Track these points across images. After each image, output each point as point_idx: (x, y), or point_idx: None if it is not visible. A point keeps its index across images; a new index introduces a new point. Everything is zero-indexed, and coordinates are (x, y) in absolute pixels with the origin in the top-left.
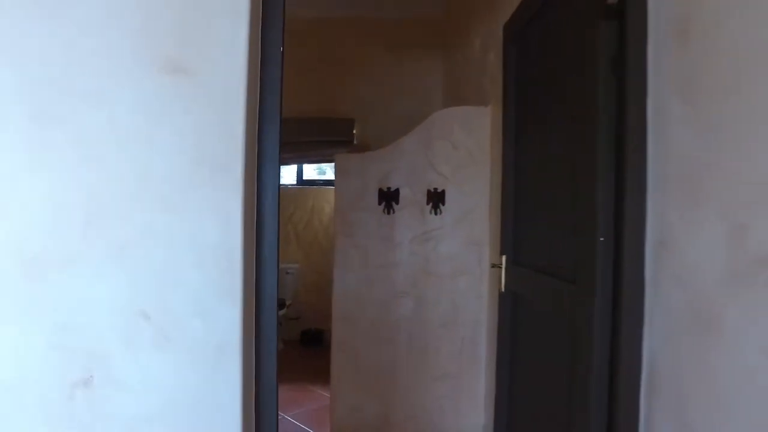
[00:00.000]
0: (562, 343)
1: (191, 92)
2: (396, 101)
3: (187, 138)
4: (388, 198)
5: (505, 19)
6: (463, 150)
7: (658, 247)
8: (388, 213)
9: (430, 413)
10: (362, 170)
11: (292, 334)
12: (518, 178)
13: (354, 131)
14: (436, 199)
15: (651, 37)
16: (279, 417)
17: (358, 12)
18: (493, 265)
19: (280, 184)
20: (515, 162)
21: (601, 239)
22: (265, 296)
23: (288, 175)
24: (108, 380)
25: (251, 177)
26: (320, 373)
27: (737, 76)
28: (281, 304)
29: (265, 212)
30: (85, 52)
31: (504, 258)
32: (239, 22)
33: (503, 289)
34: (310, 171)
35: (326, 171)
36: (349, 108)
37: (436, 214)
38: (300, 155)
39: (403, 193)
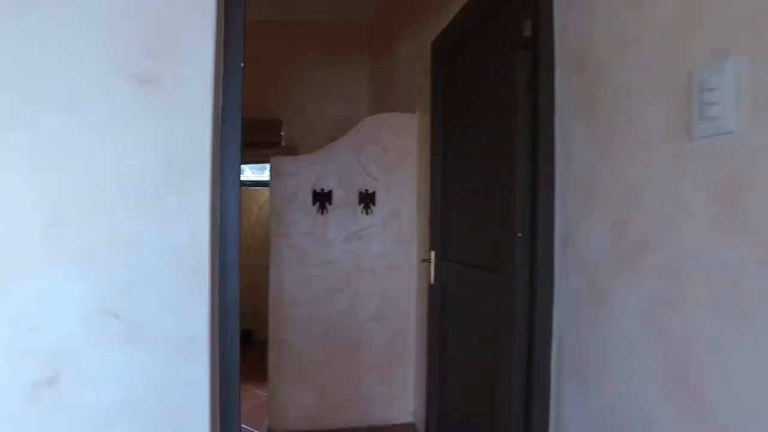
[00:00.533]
0: (487, 324)
1: (161, 102)
2: (324, 104)
3: (158, 145)
4: (322, 199)
5: (432, 33)
6: (392, 154)
7: (564, 240)
8: (322, 213)
9: (364, 402)
10: (297, 172)
11: None
12: (445, 182)
13: (282, 132)
14: (368, 199)
15: (558, 66)
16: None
17: (287, 15)
18: (424, 260)
19: (240, 188)
20: (443, 167)
21: (519, 235)
22: (228, 293)
23: None
24: (75, 378)
25: (216, 181)
26: (253, 372)
27: (619, 101)
28: None
29: (228, 214)
30: (54, 59)
31: (433, 253)
32: (206, 37)
33: (432, 282)
34: None
35: (245, 171)
36: (277, 109)
37: (367, 213)
38: None
39: (336, 194)
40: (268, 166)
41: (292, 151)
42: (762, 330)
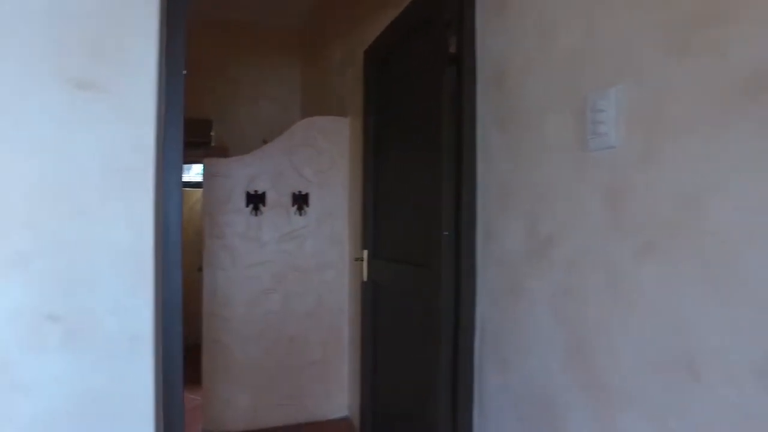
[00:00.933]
0: (416, 316)
1: (103, 106)
2: (255, 105)
3: (100, 149)
4: (256, 200)
5: (364, 40)
6: (325, 156)
7: (485, 237)
8: (256, 214)
9: (300, 399)
10: (230, 174)
11: None
12: (377, 184)
13: (212, 133)
14: (301, 200)
15: (480, 81)
16: None
17: (218, 14)
18: (357, 259)
19: (182, 191)
20: (374, 170)
21: (446, 233)
22: (172, 292)
23: None
24: (9, 387)
25: (160, 184)
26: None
27: (531, 115)
28: None
29: (171, 215)
30: None
31: (366, 252)
32: (149, 42)
33: (365, 279)
34: None
35: None
36: (207, 109)
37: (301, 214)
38: None
39: (269, 195)
40: (196, 166)
41: (222, 152)
42: (637, 309)
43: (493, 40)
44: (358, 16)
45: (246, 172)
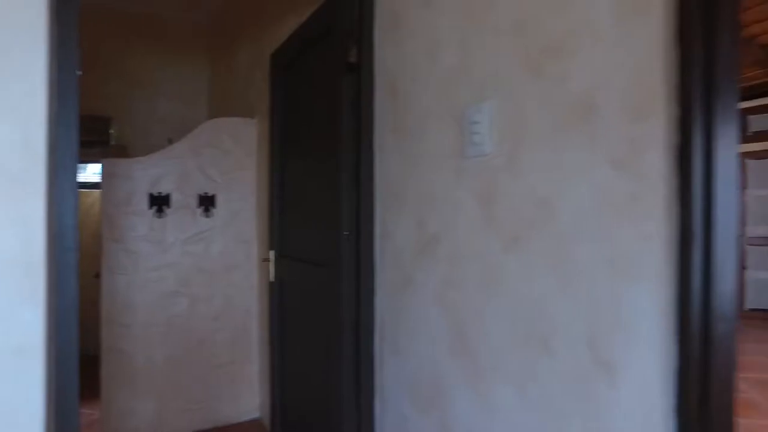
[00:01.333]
0: (321, 313)
1: None
2: (159, 103)
3: None
4: (159, 202)
5: (271, 42)
6: (231, 157)
7: (383, 236)
8: (160, 216)
9: (209, 402)
10: (132, 175)
11: None
12: (283, 185)
13: (111, 131)
14: (207, 202)
15: (377, 90)
16: None
17: (120, 5)
18: (264, 260)
19: (78, 194)
20: (281, 172)
21: (346, 233)
22: (66, 299)
23: None
24: None
25: (52, 187)
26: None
27: (420, 123)
28: None
29: (64, 218)
30: None
31: (272, 252)
32: (38, 40)
33: (272, 279)
34: None
35: None
36: (105, 106)
37: (207, 216)
38: None
39: (174, 197)
40: (93, 166)
41: (122, 151)
42: (504, 296)
43: (388, 53)
44: (267, 18)
45: (149, 173)
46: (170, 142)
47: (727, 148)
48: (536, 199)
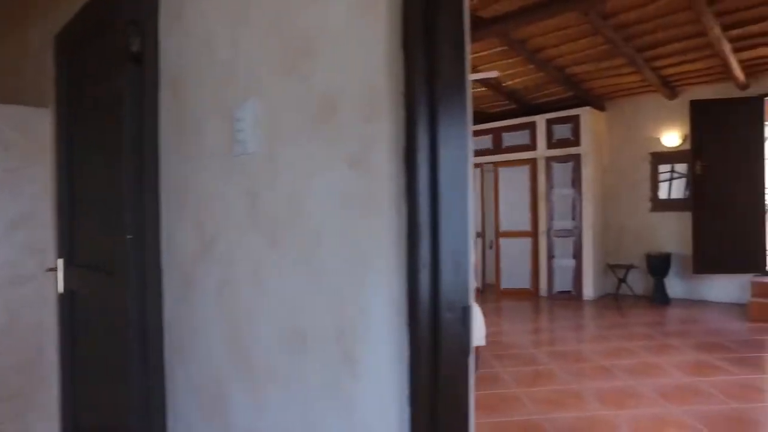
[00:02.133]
0: (110, 325)
1: None
2: None
3: None
4: None
5: (65, 17)
6: (15, 151)
7: (168, 240)
8: None
9: None
10: None
11: None
12: (72, 185)
13: None
14: None
15: (162, 84)
16: None
17: None
18: (49, 269)
19: None
20: (68, 170)
21: (129, 237)
22: None
23: None
24: None
25: None
26: None
27: (197, 120)
28: None
29: None
30: None
31: (61, 261)
32: None
33: (61, 291)
34: None
35: None
36: None
37: None
38: None
39: None
40: None
41: None
42: (270, 294)
43: (171, 45)
44: None
45: None
46: None
47: (455, 150)
48: (291, 199)
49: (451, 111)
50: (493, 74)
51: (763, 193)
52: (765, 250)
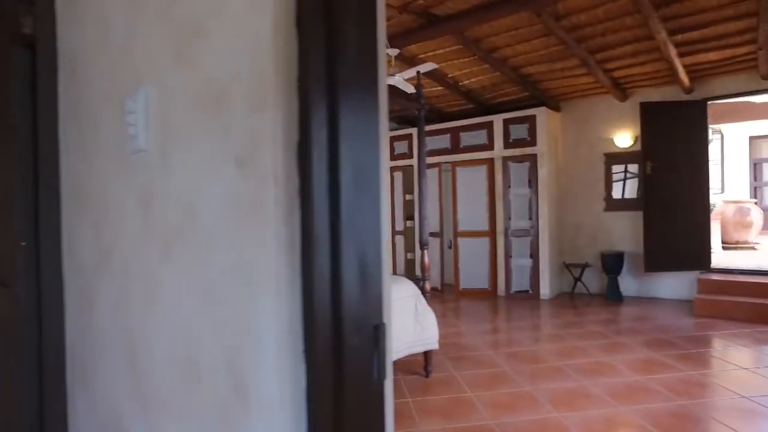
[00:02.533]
0: (3, 346)
1: None
2: None
3: None
4: None
5: None
6: None
7: (69, 247)
8: None
9: None
10: None
11: None
12: None
13: None
14: None
15: (61, 69)
16: None
17: None
18: None
19: None
20: None
21: (23, 244)
22: None
23: None
24: None
25: None
26: None
27: (95, 111)
28: None
29: None
30: None
31: None
32: None
33: None
34: None
35: None
36: None
37: None
38: None
39: None
40: None
41: None
42: (163, 313)
43: (69, 26)
44: None
45: None
46: None
47: (363, 146)
48: (183, 204)
49: (358, 101)
50: (429, 66)
51: (708, 193)
52: (710, 248)
